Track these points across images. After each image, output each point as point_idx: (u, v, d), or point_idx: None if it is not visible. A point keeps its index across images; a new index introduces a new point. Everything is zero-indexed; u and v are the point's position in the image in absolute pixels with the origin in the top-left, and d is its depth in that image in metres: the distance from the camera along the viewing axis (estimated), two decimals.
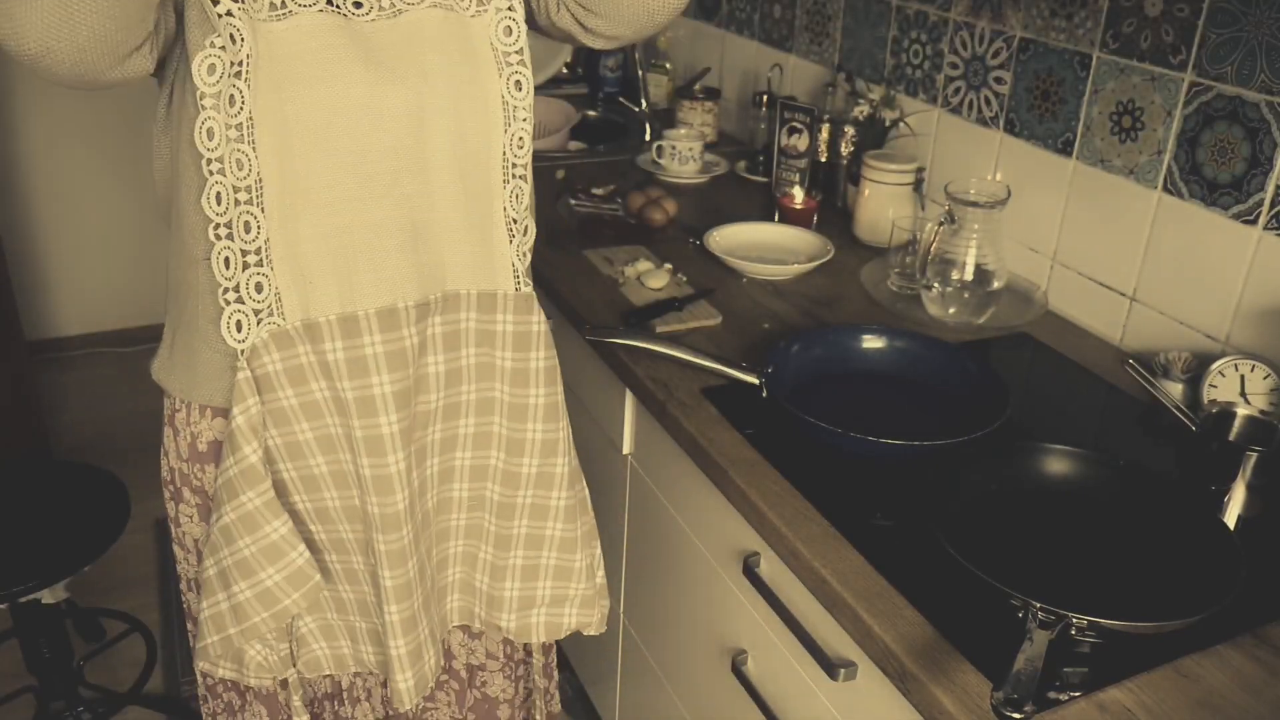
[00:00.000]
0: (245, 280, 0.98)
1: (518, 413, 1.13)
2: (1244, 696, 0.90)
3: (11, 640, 1.93)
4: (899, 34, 1.87)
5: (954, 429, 1.16)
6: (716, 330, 1.49)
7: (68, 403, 3.02)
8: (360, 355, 1.01)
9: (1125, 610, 0.89)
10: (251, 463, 1.01)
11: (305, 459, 1.05)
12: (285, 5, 0.94)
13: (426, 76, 0.99)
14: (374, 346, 1.01)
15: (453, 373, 1.09)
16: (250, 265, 0.97)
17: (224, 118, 0.93)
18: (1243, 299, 1.34)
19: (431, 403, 1.09)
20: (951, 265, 1.50)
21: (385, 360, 1.01)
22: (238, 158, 0.94)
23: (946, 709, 0.87)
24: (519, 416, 1.13)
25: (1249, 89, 1.29)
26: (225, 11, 0.91)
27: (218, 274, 0.98)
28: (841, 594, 1.00)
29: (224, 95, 0.92)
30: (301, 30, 0.94)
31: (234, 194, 0.95)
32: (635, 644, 1.65)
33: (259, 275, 0.98)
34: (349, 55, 0.96)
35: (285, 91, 0.94)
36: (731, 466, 1.18)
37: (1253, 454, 1.12)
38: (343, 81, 0.95)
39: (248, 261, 0.97)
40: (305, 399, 1.02)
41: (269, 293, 0.98)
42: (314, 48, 0.94)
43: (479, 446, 1.15)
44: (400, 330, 1.02)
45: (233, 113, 0.93)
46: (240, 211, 0.95)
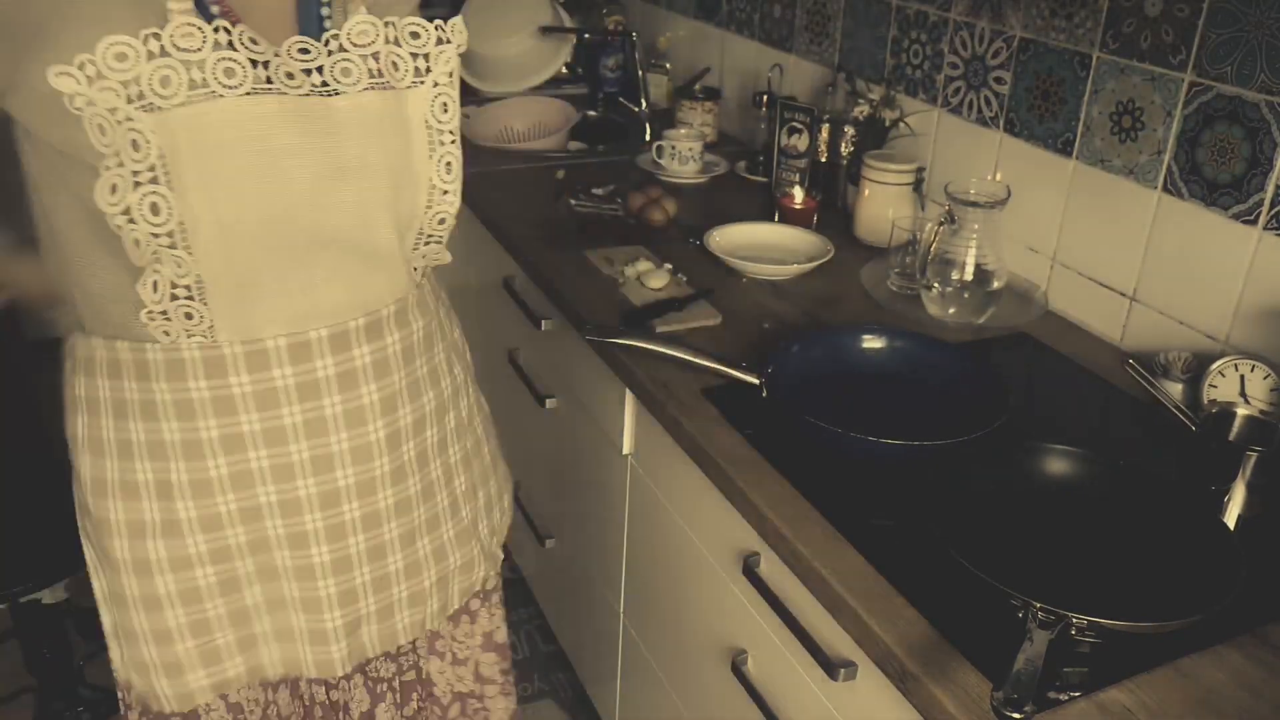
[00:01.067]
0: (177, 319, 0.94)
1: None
2: (1244, 696, 0.90)
3: (11, 640, 1.93)
4: (899, 34, 1.87)
5: (954, 429, 1.16)
6: (716, 330, 1.49)
7: None
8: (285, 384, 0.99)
9: (1125, 610, 0.89)
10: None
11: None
12: (207, 85, 0.84)
13: (366, 168, 0.94)
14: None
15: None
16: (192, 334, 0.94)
17: (147, 227, 0.85)
18: (1243, 299, 1.34)
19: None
20: (951, 265, 1.50)
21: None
22: (175, 260, 0.88)
23: (946, 709, 0.87)
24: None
25: (1249, 89, 1.29)
26: (124, 117, 0.82)
27: (149, 310, 0.92)
28: (842, 594, 1.00)
29: (142, 205, 0.84)
30: (228, 117, 0.86)
31: (170, 288, 0.90)
32: (635, 644, 1.65)
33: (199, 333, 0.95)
34: (286, 148, 0.89)
35: (218, 190, 0.87)
36: (731, 467, 1.18)
37: (1253, 454, 1.12)
38: (282, 178, 0.89)
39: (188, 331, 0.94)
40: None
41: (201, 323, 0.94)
42: (245, 138, 0.87)
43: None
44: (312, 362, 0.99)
45: (158, 222, 0.85)
46: (179, 305, 0.91)
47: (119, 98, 0.81)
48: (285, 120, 0.88)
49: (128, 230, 0.86)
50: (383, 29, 0.94)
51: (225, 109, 0.85)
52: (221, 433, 0.97)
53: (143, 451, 0.98)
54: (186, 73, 0.83)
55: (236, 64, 0.85)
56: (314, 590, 1.05)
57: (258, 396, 0.97)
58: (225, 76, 0.85)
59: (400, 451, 1.06)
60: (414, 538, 1.11)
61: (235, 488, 1.00)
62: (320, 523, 1.03)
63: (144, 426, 0.98)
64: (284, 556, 1.03)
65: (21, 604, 1.72)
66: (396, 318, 1.04)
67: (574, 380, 1.70)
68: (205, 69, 0.84)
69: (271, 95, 0.87)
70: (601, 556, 1.73)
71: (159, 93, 0.82)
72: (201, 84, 0.84)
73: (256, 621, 1.06)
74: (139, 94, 0.82)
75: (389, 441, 1.04)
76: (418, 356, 1.07)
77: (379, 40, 0.94)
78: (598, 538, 1.73)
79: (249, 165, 0.87)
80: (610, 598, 1.71)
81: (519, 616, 2.26)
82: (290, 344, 0.96)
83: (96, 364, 0.98)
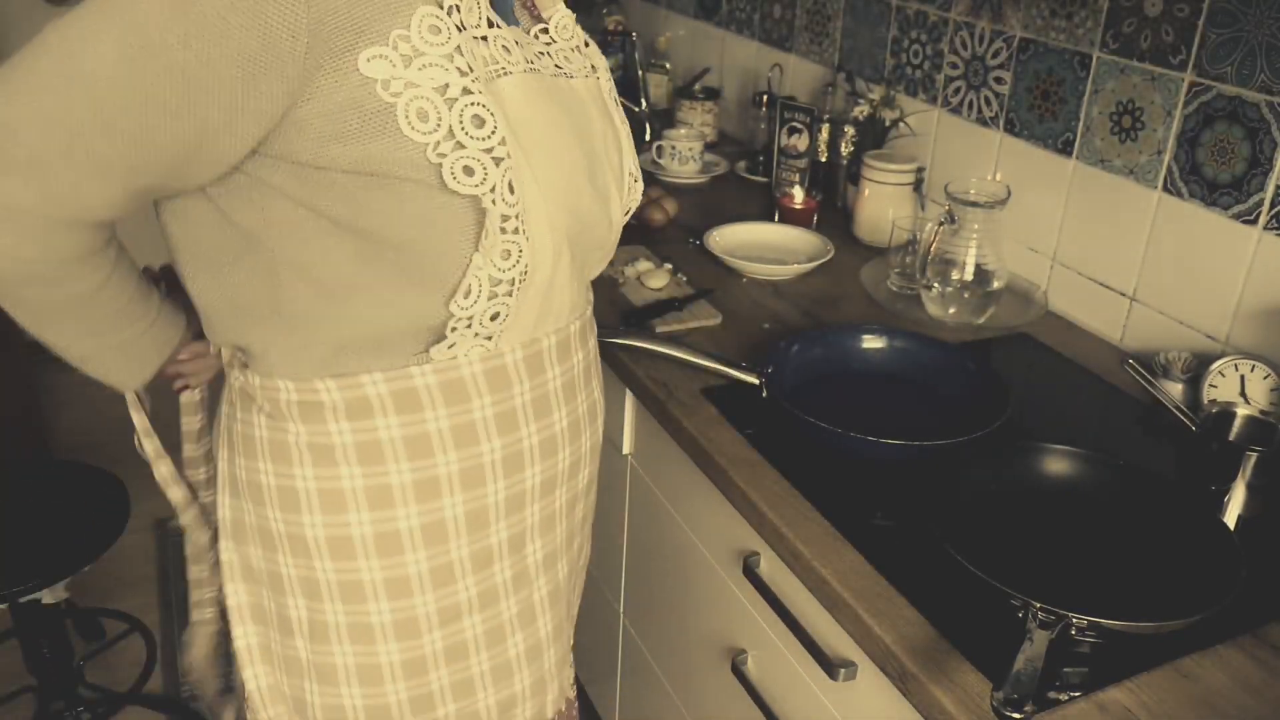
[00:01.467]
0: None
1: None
2: (1244, 696, 0.90)
3: (11, 640, 1.93)
4: (899, 34, 1.87)
5: (954, 429, 1.16)
6: (716, 330, 1.49)
7: (68, 403, 3.02)
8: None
9: (1125, 610, 0.89)
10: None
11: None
12: (495, 60, 0.80)
13: (607, 151, 0.92)
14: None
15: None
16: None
17: (502, 209, 0.78)
18: (1243, 299, 1.34)
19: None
20: (951, 265, 1.50)
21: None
22: (504, 251, 0.79)
23: (946, 709, 0.87)
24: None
25: (1249, 89, 1.29)
26: (461, 90, 0.74)
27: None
28: (841, 594, 1.00)
29: (503, 183, 0.77)
30: (524, 93, 0.81)
31: (491, 286, 0.81)
32: (635, 644, 1.65)
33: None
34: (565, 126, 0.85)
35: (537, 168, 0.81)
36: (731, 466, 1.18)
37: (1253, 454, 1.12)
38: (570, 156, 0.85)
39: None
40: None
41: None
42: (539, 115, 0.82)
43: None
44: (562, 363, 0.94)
45: (512, 201, 0.78)
46: (496, 303, 0.82)
47: (447, 72, 0.73)
48: (556, 99, 0.85)
49: (492, 211, 0.77)
50: (574, 25, 0.93)
51: (517, 85, 0.81)
52: (461, 466, 0.88)
53: (359, 500, 0.87)
54: (482, 48, 0.78)
55: (509, 41, 0.81)
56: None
57: (499, 419, 0.88)
58: (504, 53, 0.80)
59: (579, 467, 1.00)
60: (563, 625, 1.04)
61: (469, 529, 0.90)
62: (540, 551, 0.97)
63: (410, 466, 0.86)
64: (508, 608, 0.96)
65: (21, 604, 1.72)
66: (588, 322, 0.98)
67: None
68: (490, 45, 0.79)
69: (538, 75, 0.84)
70: (601, 556, 1.73)
71: (474, 66, 0.76)
72: (493, 61, 0.79)
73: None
74: (468, 66, 0.74)
75: (589, 455, 1.00)
76: (591, 381, 0.99)
77: (576, 35, 0.93)
78: (598, 538, 1.73)
79: (548, 143, 0.82)
80: (610, 597, 1.71)
81: None
82: (527, 355, 0.88)
83: (330, 413, 0.85)
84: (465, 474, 0.87)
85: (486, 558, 0.91)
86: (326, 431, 0.84)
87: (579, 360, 0.95)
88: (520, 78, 0.80)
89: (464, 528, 0.89)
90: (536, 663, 1.01)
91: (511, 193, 0.77)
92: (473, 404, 0.85)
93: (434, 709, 0.94)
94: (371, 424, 0.84)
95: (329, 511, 0.86)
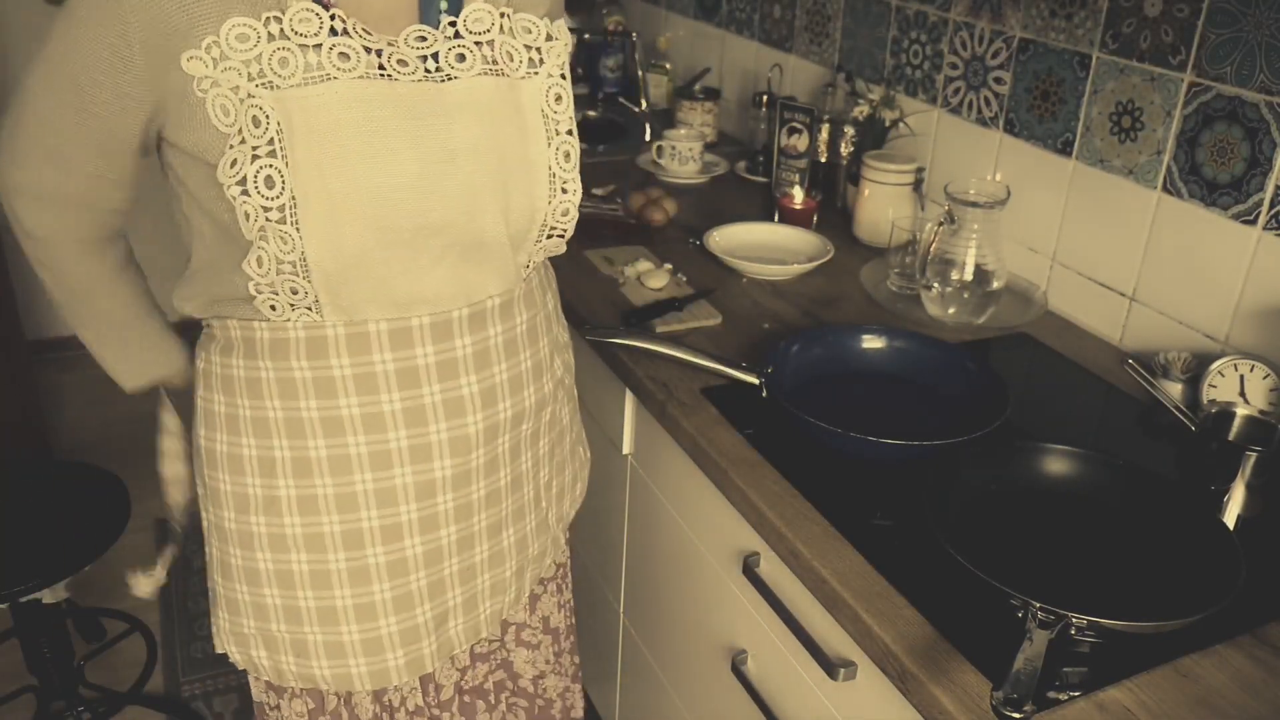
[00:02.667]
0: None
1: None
2: (1244, 696, 0.90)
3: (12, 640, 1.93)
4: (899, 34, 1.87)
5: (954, 429, 1.16)
6: (716, 330, 1.49)
7: (68, 403, 3.02)
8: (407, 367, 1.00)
9: (1125, 610, 0.89)
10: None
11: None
12: (321, 67, 0.88)
13: (477, 152, 0.95)
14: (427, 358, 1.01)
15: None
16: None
17: (259, 200, 0.88)
18: (1242, 299, 1.34)
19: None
20: (951, 265, 1.50)
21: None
22: (281, 236, 0.90)
23: (946, 709, 0.87)
24: None
25: (1248, 89, 1.29)
26: (245, 95, 0.87)
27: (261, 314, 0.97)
28: (841, 594, 1.00)
29: (258, 178, 0.88)
30: (341, 98, 0.88)
31: (276, 264, 0.91)
32: (635, 644, 1.65)
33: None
34: (397, 130, 0.90)
35: (328, 168, 0.88)
36: (731, 466, 1.18)
37: (1252, 454, 1.12)
38: (392, 160, 0.90)
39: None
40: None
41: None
42: (357, 119, 0.89)
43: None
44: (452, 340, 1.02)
45: (271, 195, 0.88)
46: (284, 279, 0.92)
47: (241, 76, 0.86)
48: (396, 104, 0.90)
49: (240, 203, 0.88)
50: (498, 18, 0.97)
51: (339, 91, 0.88)
52: (322, 414, 0.98)
53: (248, 427, 1.01)
54: (304, 56, 0.87)
55: (351, 49, 0.89)
56: (405, 585, 1.05)
57: (358, 380, 0.98)
58: (339, 60, 0.88)
59: (496, 444, 1.06)
60: (500, 528, 1.11)
61: (333, 471, 1.00)
62: (415, 514, 1.03)
63: (250, 403, 1.00)
64: (376, 552, 1.03)
65: (21, 604, 1.72)
66: (501, 310, 1.04)
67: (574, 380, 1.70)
68: (321, 53, 0.88)
69: (383, 80, 0.90)
70: (601, 556, 1.73)
71: (277, 72, 0.87)
72: (317, 67, 0.88)
73: (345, 625, 1.05)
74: (259, 72, 0.86)
75: (486, 434, 1.04)
76: (521, 350, 1.07)
77: (494, 29, 0.97)
78: (598, 538, 1.73)
79: (359, 146, 0.89)
80: (610, 597, 1.71)
81: None
82: (391, 329, 0.97)
83: (215, 341, 1.02)
84: (325, 422, 0.99)
85: (352, 503, 1.02)
86: (231, 364, 1.01)
87: (497, 333, 1.04)
88: (345, 84, 0.88)
89: (327, 468, 1.01)
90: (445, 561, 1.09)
91: (269, 187, 0.88)
92: (331, 362, 0.97)
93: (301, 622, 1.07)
94: (255, 364, 1.00)
95: (229, 431, 1.03)
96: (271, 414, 1.00)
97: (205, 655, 2.14)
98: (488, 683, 1.26)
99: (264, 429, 1.00)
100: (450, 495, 1.04)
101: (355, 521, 1.02)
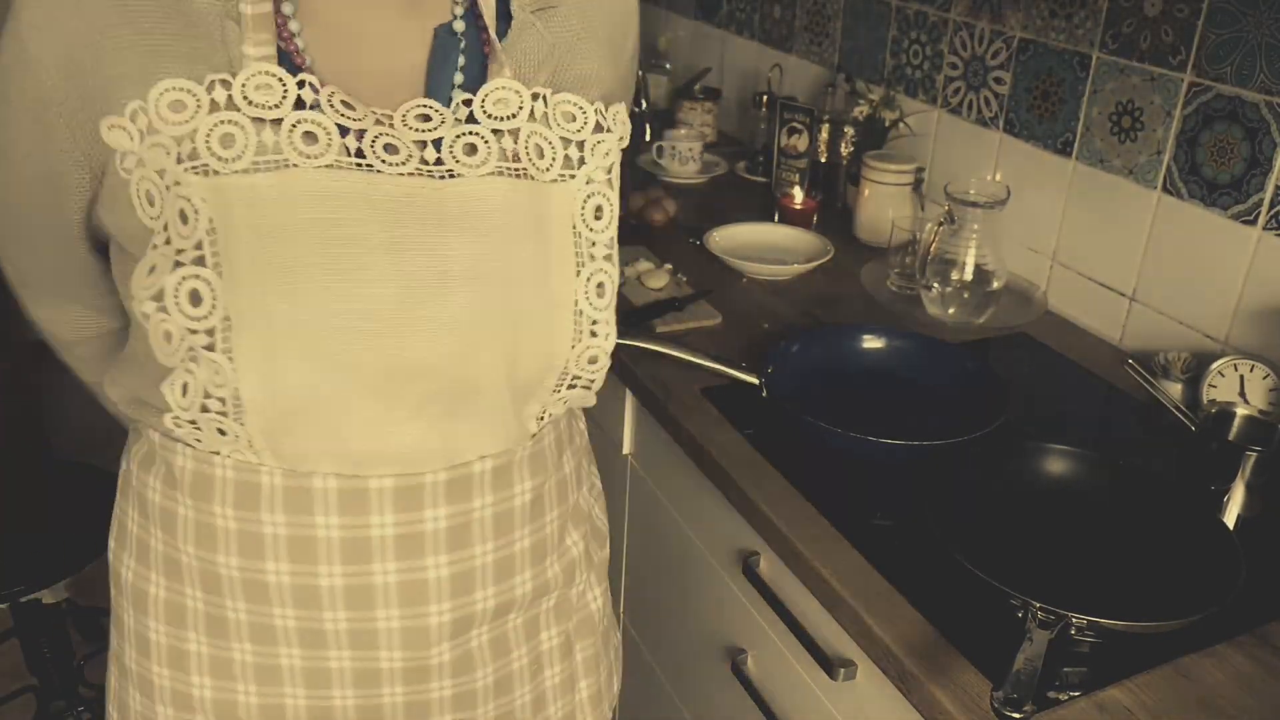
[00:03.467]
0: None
1: None
2: (1244, 696, 0.90)
3: (12, 640, 1.93)
4: (899, 34, 1.87)
5: (954, 429, 1.16)
6: (716, 330, 1.49)
7: (68, 403, 3.02)
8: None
9: (1125, 610, 0.89)
10: None
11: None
12: (279, 149, 0.67)
13: (477, 277, 0.72)
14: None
15: None
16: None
17: (182, 320, 0.68)
18: (1242, 299, 1.34)
19: None
20: (951, 265, 1.50)
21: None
22: (213, 365, 0.69)
23: (946, 709, 0.87)
24: None
25: (1248, 89, 1.29)
26: (172, 181, 0.66)
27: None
28: (841, 594, 1.00)
29: (180, 291, 0.67)
30: (299, 192, 0.67)
31: (203, 397, 0.70)
32: (635, 644, 1.65)
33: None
34: (371, 240, 0.69)
35: (273, 285, 0.67)
36: (732, 466, 1.18)
37: (1252, 454, 1.12)
38: (361, 279, 0.69)
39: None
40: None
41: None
42: (319, 221, 0.68)
43: None
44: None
45: (196, 315, 0.67)
46: (210, 418, 0.72)
47: (168, 156, 0.66)
48: (373, 205, 0.69)
49: (156, 320, 0.68)
50: (529, 100, 0.74)
51: (298, 182, 0.67)
52: (244, 575, 0.78)
53: (159, 563, 0.82)
54: (257, 134, 0.67)
55: (320, 129, 0.68)
56: None
57: (291, 543, 0.77)
58: (304, 142, 0.67)
59: (468, 638, 0.84)
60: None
61: (253, 639, 0.81)
62: (351, 700, 0.83)
63: (163, 538, 0.81)
64: None
65: (21, 604, 1.72)
66: (495, 476, 0.81)
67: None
68: (281, 131, 0.67)
69: (360, 172, 0.69)
70: None
71: (217, 154, 0.66)
72: (274, 149, 0.67)
73: None
74: (191, 152, 0.66)
75: (455, 626, 0.82)
76: (519, 526, 0.84)
77: (522, 114, 0.74)
78: None
79: (318, 257, 0.68)
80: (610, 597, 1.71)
81: None
82: (342, 488, 0.75)
83: (139, 445, 0.83)
84: (247, 585, 0.79)
85: (275, 676, 0.84)
86: (148, 484, 0.82)
87: (485, 504, 0.81)
88: (307, 173, 0.67)
89: (246, 633, 0.81)
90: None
91: (195, 304, 0.67)
92: (261, 516, 0.77)
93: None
94: (174, 495, 0.80)
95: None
96: (185, 559, 0.79)
97: None
98: None
99: (175, 573, 0.81)
100: (400, 689, 0.83)
101: (277, 696, 0.83)
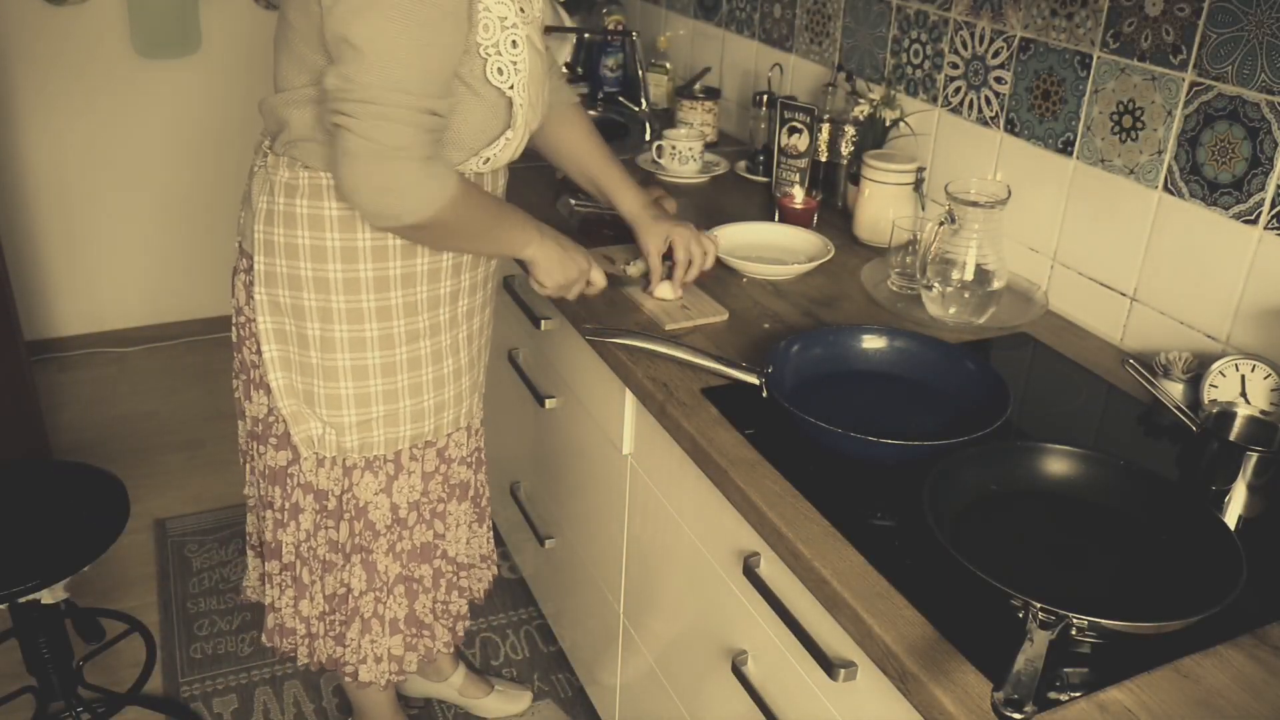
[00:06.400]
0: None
1: None
2: (1244, 696, 0.90)
3: (11, 640, 1.93)
4: (899, 34, 1.87)
5: (954, 429, 1.16)
6: (717, 330, 1.49)
7: (68, 403, 3.02)
8: None
9: (1125, 610, 0.89)
10: None
11: None
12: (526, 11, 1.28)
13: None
14: None
15: None
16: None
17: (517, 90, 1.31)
18: (1243, 299, 1.34)
19: None
20: (951, 265, 1.50)
21: None
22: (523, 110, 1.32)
23: (946, 709, 0.87)
24: None
25: (1249, 89, 1.29)
26: (512, 24, 1.24)
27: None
28: (841, 594, 1.00)
29: (518, 87, 1.30)
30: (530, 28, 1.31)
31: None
32: (635, 644, 1.65)
33: None
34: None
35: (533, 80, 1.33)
36: (731, 466, 1.18)
37: (1253, 454, 1.12)
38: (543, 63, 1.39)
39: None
40: None
41: None
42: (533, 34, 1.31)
43: None
44: None
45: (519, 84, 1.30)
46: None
47: (510, 9, 1.23)
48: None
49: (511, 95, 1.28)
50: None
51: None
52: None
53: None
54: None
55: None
56: (458, 360, 1.48)
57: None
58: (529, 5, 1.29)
59: (491, 288, 1.56)
60: (485, 343, 1.60)
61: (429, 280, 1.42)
62: (464, 307, 1.49)
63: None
64: (440, 340, 1.44)
65: (21, 604, 1.72)
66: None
67: (574, 380, 1.70)
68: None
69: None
70: (601, 556, 1.73)
71: (524, 10, 1.26)
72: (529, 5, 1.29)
73: (425, 395, 1.46)
74: (520, 9, 1.25)
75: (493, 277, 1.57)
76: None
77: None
78: (597, 538, 1.73)
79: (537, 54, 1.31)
80: (610, 597, 1.71)
81: (519, 617, 2.26)
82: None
83: None
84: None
85: (436, 301, 1.40)
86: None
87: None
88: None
89: (423, 278, 1.37)
90: (458, 380, 1.49)
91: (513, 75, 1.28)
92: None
93: (397, 400, 1.42)
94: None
95: (347, 261, 1.33)
96: (391, 239, 1.34)
97: (205, 656, 2.14)
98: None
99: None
100: (481, 296, 1.47)
101: (435, 317, 1.41)
